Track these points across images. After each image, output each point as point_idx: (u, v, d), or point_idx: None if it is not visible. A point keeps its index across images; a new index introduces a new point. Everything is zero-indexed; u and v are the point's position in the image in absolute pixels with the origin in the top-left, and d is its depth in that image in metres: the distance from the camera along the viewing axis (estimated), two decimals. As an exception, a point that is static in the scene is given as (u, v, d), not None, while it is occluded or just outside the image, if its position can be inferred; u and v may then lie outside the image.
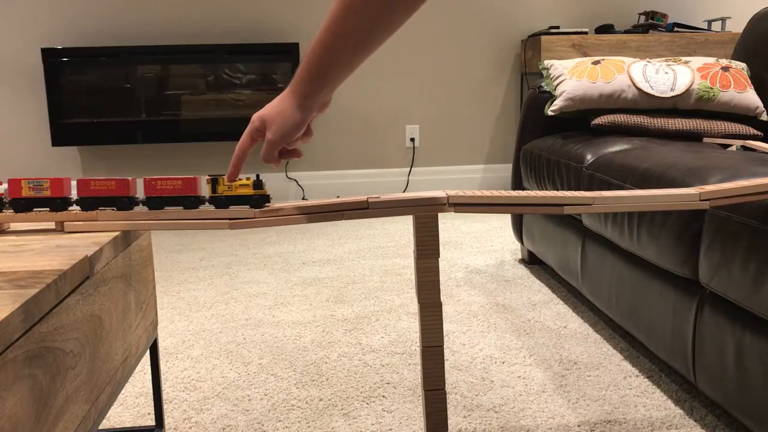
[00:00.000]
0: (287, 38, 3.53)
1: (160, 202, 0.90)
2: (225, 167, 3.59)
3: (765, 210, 1.00)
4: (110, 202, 0.90)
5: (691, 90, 1.90)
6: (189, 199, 0.91)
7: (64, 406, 0.69)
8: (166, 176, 0.91)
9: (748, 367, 1.04)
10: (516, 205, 0.94)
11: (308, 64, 0.87)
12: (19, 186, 0.89)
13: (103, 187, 0.90)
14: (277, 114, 0.89)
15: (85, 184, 0.90)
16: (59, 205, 0.90)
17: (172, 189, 0.91)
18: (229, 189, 0.92)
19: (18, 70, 3.41)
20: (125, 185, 0.90)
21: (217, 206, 0.91)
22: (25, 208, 0.90)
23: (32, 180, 0.89)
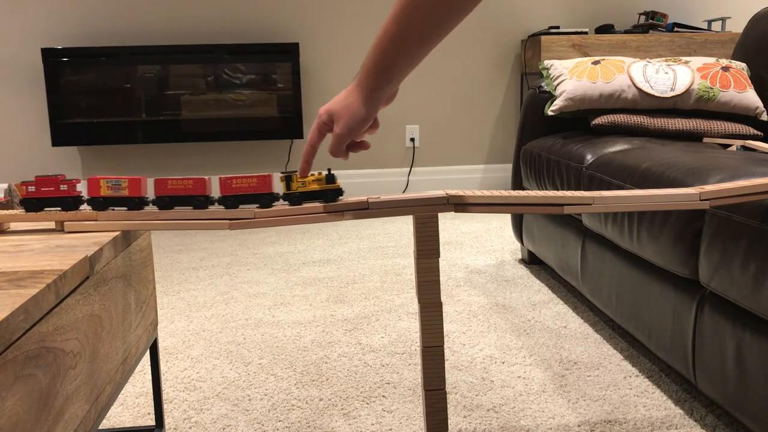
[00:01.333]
0: (287, 38, 3.53)
1: (235, 201, 0.91)
2: (225, 167, 3.59)
3: (765, 210, 1.00)
4: (186, 201, 0.90)
5: (691, 90, 1.90)
6: (263, 196, 0.91)
7: (64, 406, 0.69)
8: (240, 175, 0.91)
9: (748, 367, 1.04)
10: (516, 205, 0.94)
11: (374, 57, 0.86)
12: (98, 185, 0.89)
13: (180, 186, 0.90)
14: (344, 108, 0.89)
15: (162, 184, 0.90)
16: (136, 204, 0.90)
17: (247, 187, 0.91)
18: (303, 185, 0.92)
19: (18, 70, 3.41)
20: (202, 184, 0.90)
21: (292, 203, 0.91)
22: (102, 206, 0.90)
23: (111, 179, 0.89)
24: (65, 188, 0.89)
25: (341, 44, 3.57)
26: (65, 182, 0.89)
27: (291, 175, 0.92)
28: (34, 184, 0.89)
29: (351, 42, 3.58)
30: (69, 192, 0.89)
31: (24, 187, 0.89)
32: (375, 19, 3.58)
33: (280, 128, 3.45)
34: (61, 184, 0.89)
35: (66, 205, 0.89)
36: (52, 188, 0.89)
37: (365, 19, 3.57)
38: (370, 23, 3.58)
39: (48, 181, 0.89)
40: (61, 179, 0.89)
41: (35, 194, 0.89)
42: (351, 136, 0.89)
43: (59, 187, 0.89)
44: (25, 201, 0.90)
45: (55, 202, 0.89)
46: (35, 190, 0.89)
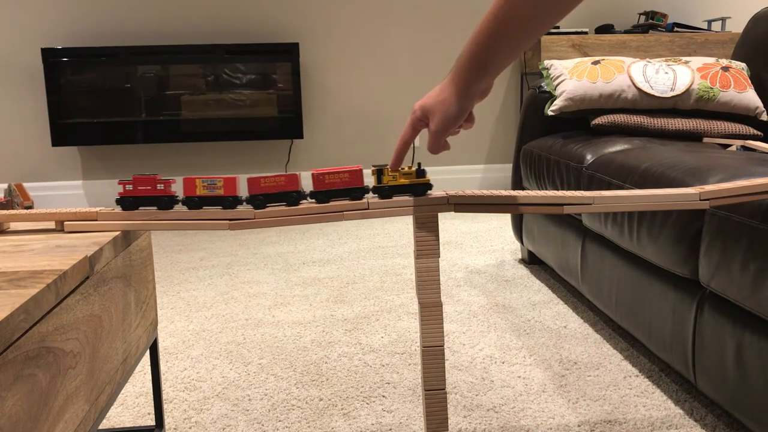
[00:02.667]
0: (287, 38, 3.53)
1: (326, 196, 0.91)
2: (225, 167, 3.59)
3: (765, 210, 1.00)
4: (279, 197, 0.91)
5: (691, 90, 1.90)
6: (355, 190, 0.91)
7: (64, 406, 0.69)
8: (333, 168, 0.91)
9: (748, 367, 1.04)
10: (516, 205, 0.94)
11: (471, 52, 0.85)
12: (194, 185, 0.89)
13: (273, 184, 0.90)
14: (439, 103, 0.88)
15: (255, 182, 0.90)
16: (231, 203, 0.90)
17: (339, 182, 0.91)
18: (393, 179, 0.92)
19: (18, 70, 3.41)
20: (294, 180, 0.90)
21: (382, 196, 0.92)
22: (198, 206, 0.90)
23: (206, 179, 0.89)
24: (162, 188, 0.90)
25: (341, 44, 3.57)
26: (162, 182, 0.89)
27: (383, 169, 0.92)
28: (131, 182, 0.89)
29: (351, 42, 3.58)
30: (165, 191, 0.90)
31: (121, 185, 0.90)
32: (375, 19, 3.58)
33: (280, 128, 3.45)
34: (158, 183, 0.89)
35: (161, 204, 0.90)
36: (149, 187, 0.89)
37: (365, 19, 3.57)
38: (370, 23, 3.58)
39: (145, 180, 0.89)
40: (158, 179, 0.89)
41: (132, 193, 0.90)
42: (447, 131, 0.89)
43: (156, 187, 0.89)
44: (122, 200, 0.90)
45: (151, 202, 0.90)
46: (132, 189, 0.89)
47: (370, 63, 3.60)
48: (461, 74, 0.87)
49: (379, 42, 3.59)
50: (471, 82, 0.87)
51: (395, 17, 3.59)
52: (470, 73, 0.87)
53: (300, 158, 3.64)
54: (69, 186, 3.51)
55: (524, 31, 0.83)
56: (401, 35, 3.61)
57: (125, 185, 0.89)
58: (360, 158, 3.68)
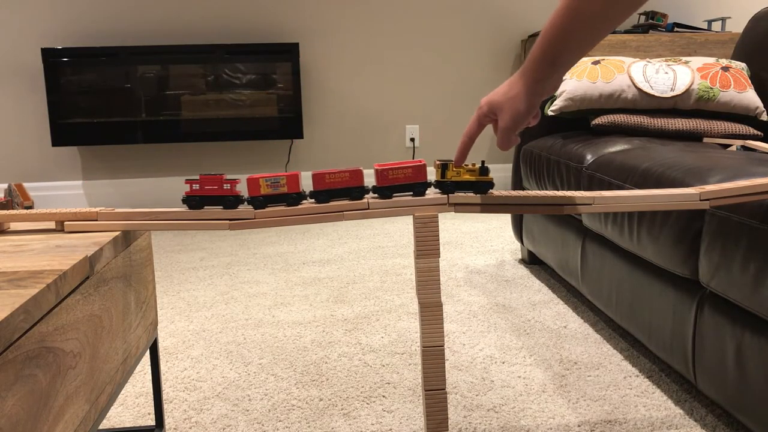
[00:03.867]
0: (287, 38, 3.53)
1: (390, 191, 0.91)
2: (225, 167, 3.59)
3: (765, 210, 1.00)
4: (344, 193, 0.91)
5: (691, 90, 1.90)
6: (417, 186, 0.92)
7: (64, 406, 0.69)
8: (396, 163, 0.92)
9: (748, 367, 1.04)
10: (516, 205, 0.94)
11: (541, 48, 0.86)
12: (258, 184, 0.90)
13: (338, 179, 0.91)
14: (508, 100, 0.89)
15: (320, 178, 0.91)
16: (295, 200, 0.91)
17: (403, 177, 0.91)
18: (457, 174, 0.92)
19: (18, 70, 3.41)
20: (359, 175, 0.91)
21: (444, 191, 0.92)
22: (262, 205, 0.90)
23: (269, 177, 0.90)
24: (228, 187, 0.90)
25: (341, 44, 3.57)
26: (228, 181, 0.90)
27: (447, 164, 0.93)
28: (198, 182, 0.90)
29: (351, 42, 3.58)
30: (231, 191, 0.90)
31: (190, 185, 0.90)
32: (375, 19, 3.58)
33: (280, 128, 3.45)
34: (224, 183, 0.90)
35: (227, 203, 0.90)
36: (216, 187, 0.90)
37: (365, 19, 3.57)
38: (370, 23, 3.58)
39: (212, 180, 0.90)
40: (224, 178, 0.90)
41: (199, 192, 0.90)
42: (516, 127, 0.90)
43: (222, 186, 0.90)
44: (188, 199, 0.90)
45: (217, 201, 0.90)
46: (199, 188, 0.90)
47: (370, 63, 3.60)
48: (531, 71, 0.87)
49: (379, 42, 3.59)
50: (540, 78, 0.87)
51: (395, 17, 3.59)
52: (539, 70, 0.87)
53: (300, 158, 3.64)
54: (69, 186, 3.51)
55: (594, 27, 0.83)
56: (401, 35, 3.61)
57: (192, 184, 0.90)
58: (360, 158, 3.68)
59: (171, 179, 3.56)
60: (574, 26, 0.83)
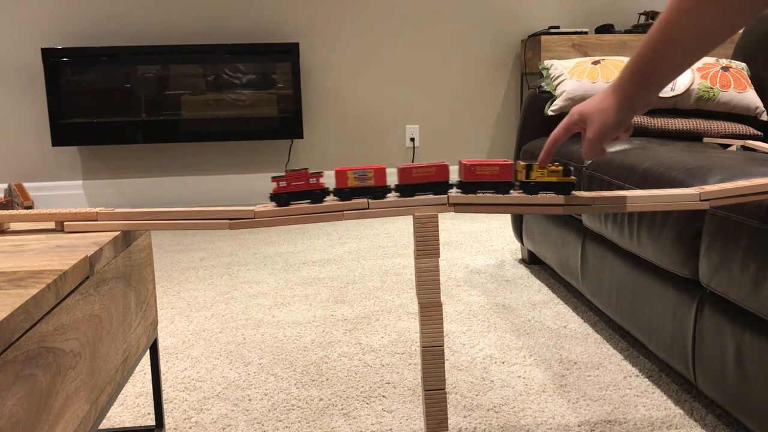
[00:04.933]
0: (287, 38, 3.53)
1: (474, 187, 0.92)
2: (225, 167, 3.59)
3: (765, 210, 1.00)
4: (428, 188, 0.92)
5: (691, 90, 1.90)
6: (502, 184, 0.92)
7: (64, 406, 0.69)
8: (482, 161, 0.92)
9: (748, 367, 1.04)
10: (516, 206, 0.94)
11: (635, 66, 0.86)
12: (346, 176, 0.91)
13: (424, 174, 0.91)
14: (599, 112, 0.90)
15: (406, 172, 0.91)
16: (380, 193, 0.92)
17: (489, 175, 0.92)
18: (541, 175, 0.93)
19: (18, 70, 3.41)
20: (444, 170, 0.92)
21: (528, 192, 0.93)
22: (348, 197, 0.91)
23: (357, 170, 0.91)
24: (314, 181, 0.91)
25: (341, 44, 3.57)
26: (313, 175, 0.91)
27: (532, 165, 0.94)
28: (285, 179, 0.91)
29: (351, 42, 3.58)
30: (317, 185, 0.91)
31: (277, 182, 0.91)
32: (375, 19, 3.58)
33: (280, 128, 3.45)
34: (310, 177, 0.91)
35: (314, 197, 0.91)
36: (302, 182, 0.91)
37: (365, 20, 3.57)
38: (370, 23, 3.58)
39: (298, 176, 0.91)
40: (309, 173, 0.91)
41: (286, 189, 0.91)
42: (603, 140, 0.91)
43: (308, 181, 0.91)
44: (276, 196, 0.91)
45: (304, 196, 0.91)
46: (286, 185, 0.91)
47: (370, 63, 3.60)
48: (623, 87, 0.88)
49: (378, 42, 3.59)
50: (633, 95, 0.88)
51: (395, 17, 3.59)
52: (632, 87, 0.88)
53: (300, 158, 3.64)
54: (69, 186, 3.51)
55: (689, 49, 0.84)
56: (401, 35, 3.61)
57: (279, 182, 0.91)
58: (360, 158, 3.68)
59: (171, 179, 3.56)
60: (669, 47, 0.83)
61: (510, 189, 0.93)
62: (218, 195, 3.61)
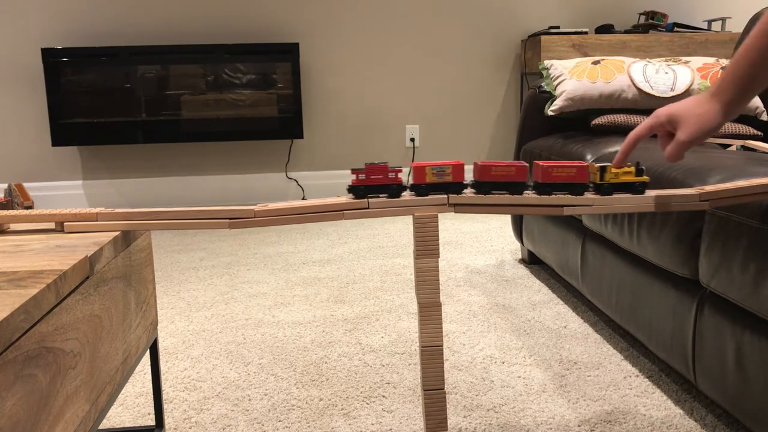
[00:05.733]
0: (287, 38, 3.53)
1: (550, 188, 0.93)
2: (225, 167, 3.59)
3: (765, 210, 1.00)
4: (504, 186, 0.93)
5: (691, 90, 1.90)
6: (578, 186, 0.93)
7: (64, 406, 0.69)
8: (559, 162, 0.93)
9: (748, 367, 1.04)
10: (516, 206, 0.94)
11: (737, 70, 0.86)
12: (424, 172, 0.91)
13: (502, 173, 0.92)
14: (695, 116, 0.89)
15: (485, 170, 0.92)
16: (456, 189, 0.92)
17: (565, 176, 0.93)
18: (615, 176, 0.94)
19: (18, 70, 3.41)
20: (522, 171, 0.92)
21: (602, 194, 0.93)
22: (424, 192, 0.92)
23: (436, 166, 0.91)
24: (393, 176, 0.91)
25: (341, 44, 3.58)
26: (392, 170, 0.91)
27: (606, 167, 0.94)
28: (364, 172, 0.91)
29: (351, 42, 3.58)
30: (395, 179, 0.92)
31: (356, 174, 0.91)
32: (375, 19, 3.58)
33: (280, 128, 3.45)
34: (389, 172, 0.91)
35: (391, 192, 0.91)
36: (381, 176, 0.91)
37: (365, 20, 3.57)
38: (370, 23, 3.58)
39: (377, 170, 0.91)
40: (388, 167, 0.91)
41: (365, 182, 0.91)
42: (694, 144, 0.91)
43: (387, 175, 0.91)
44: (354, 188, 0.92)
45: (381, 189, 0.92)
46: (365, 178, 0.91)
47: (370, 63, 3.60)
48: (725, 92, 0.88)
49: (379, 42, 3.59)
50: (734, 100, 0.88)
51: (395, 17, 3.59)
52: (735, 92, 0.88)
53: (300, 158, 3.64)
54: (69, 186, 3.51)
55: None
56: (401, 35, 3.61)
57: (358, 174, 0.91)
58: (360, 158, 3.68)
59: (171, 179, 3.56)
60: None
61: (584, 190, 0.94)
62: (218, 195, 3.61)
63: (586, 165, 0.93)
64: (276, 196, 3.64)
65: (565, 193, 0.93)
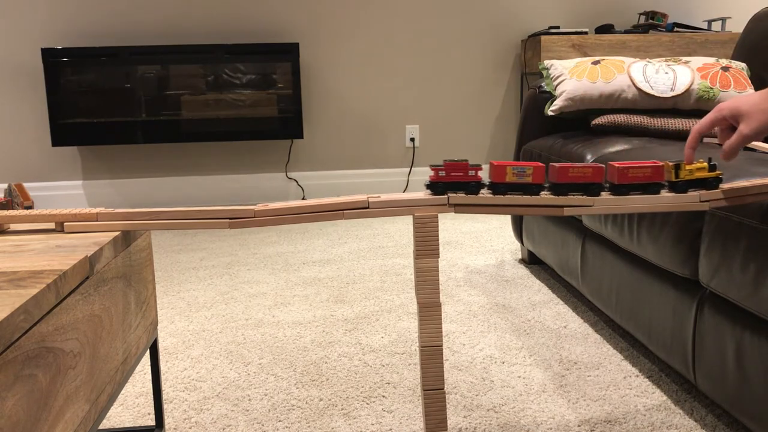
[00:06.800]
0: (287, 38, 3.53)
1: (627, 189, 0.93)
2: (225, 167, 3.59)
3: (765, 210, 1.00)
4: (582, 188, 0.93)
5: (691, 90, 1.90)
6: (654, 186, 0.93)
7: (64, 406, 0.69)
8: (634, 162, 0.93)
9: (748, 367, 1.04)
10: (516, 206, 0.94)
11: None
12: (504, 171, 0.91)
13: (580, 174, 0.92)
14: (761, 111, 0.90)
15: (563, 172, 0.92)
16: (534, 190, 0.92)
17: (642, 177, 0.93)
18: (689, 173, 0.94)
19: (18, 70, 3.41)
20: (599, 172, 0.92)
21: (677, 191, 0.94)
22: (503, 192, 0.92)
23: (516, 166, 0.91)
24: (472, 173, 0.92)
25: (341, 44, 3.57)
26: (472, 168, 0.92)
27: (680, 164, 0.94)
28: (444, 168, 0.91)
29: (351, 42, 3.58)
30: (475, 177, 0.92)
31: (435, 171, 0.91)
32: (375, 19, 3.58)
33: (280, 128, 3.45)
34: (469, 169, 0.91)
35: (470, 189, 0.92)
36: (461, 173, 0.92)
37: (365, 20, 3.57)
38: (370, 23, 3.58)
39: (457, 167, 0.91)
40: (468, 165, 0.92)
41: (444, 179, 0.92)
42: (757, 138, 0.91)
43: (467, 173, 0.91)
44: (433, 185, 0.92)
45: (460, 187, 0.92)
46: (445, 175, 0.91)
47: (370, 63, 3.60)
48: None
49: (379, 42, 3.59)
50: None
51: (395, 17, 3.59)
52: None
53: (300, 158, 3.64)
54: (69, 186, 3.51)
55: None
56: (401, 35, 3.61)
57: (438, 171, 0.91)
58: (360, 158, 3.68)
59: (171, 179, 3.56)
60: None
61: (661, 189, 0.94)
62: (218, 195, 3.61)
63: (661, 164, 0.93)
64: (276, 196, 3.64)
65: (639, 193, 0.93)
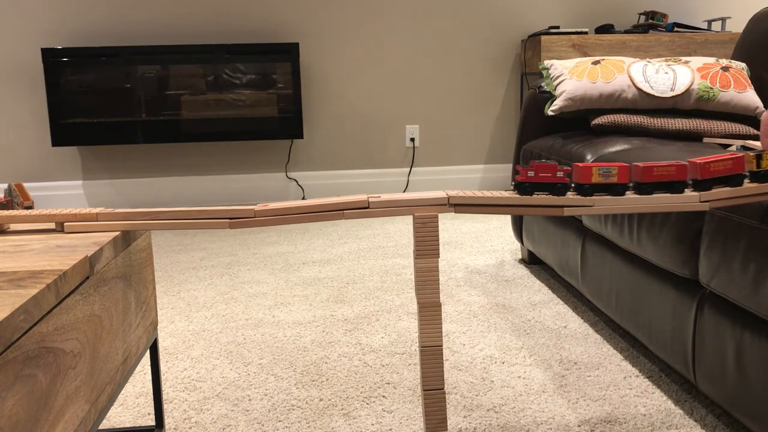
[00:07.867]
0: (287, 38, 3.53)
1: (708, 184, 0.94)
2: (225, 167, 3.59)
3: (765, 210, 1.00)
4: (667, 186, 0.94)
5: (691, 90, 1.90)
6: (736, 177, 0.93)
7: (64, 406, 0.69)
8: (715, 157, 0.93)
9: (748, 367, 1.04)
10: (516, 206, 0.94)
11: None
12: (590, 173, 0.92)
13: (664, 173, 0.93)
14: None
15: (648, 171, 0.93)
16: (619, 190, 0.93)
17: (723, 170, 0.93)
18: None
19: (18, 70, 3.41)
20: (683, 170, 0.93)
21: (759, 180, 0.94)
22: (588, 193, 0.92)
23: (602, 167, 0.92)
24: (561, 175, 0.92)
25: (341, 44, 3.57)
26: (561, 169, 0.92)
27: (762, 154, 0.94)
28: (533, 169, 0.92)
29: (351, 42, 3.58)
30: (563, 179, 0.93)
31: (523, 171, 0.92)
32: (375, 19, 3.58)
33: (280, 128, 3.45)
34: (558, 171, 0.92)
35: (556, 190, 0.92)
36: (550, 174, 0.92)
37: (365, 20, 3.57)
38: (370, 23, 3.58)
39: (546, 168, 0.92)
40: (557, 166, 0.92)
41: (532, 179, 0.92)
42: None
43: (555, 174, 0.92)
44: (520, 185, 0.93)
45: (547, 188, 0.93)
46: (533, 176, 0.92)
47: (370, 63, 3.60)
48: None
49: (379, 42, 3.59)
50: None
51: (395, 17, 3.59)
52: None
53: (300, 158, 3.64)
54: (69, 186, 3.51)
55: None
56: (401, 35, 3.61)
57: (526, 171, 0.92)
58: (360, 158, 3.68)
59: (171, 179, 3.56)
60: None
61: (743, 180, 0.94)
62: (218, 195, 3.61)
63: (742, 155, 0.94)
64: (276, 196, 3.64)
65: (722, 186, 0.93)
